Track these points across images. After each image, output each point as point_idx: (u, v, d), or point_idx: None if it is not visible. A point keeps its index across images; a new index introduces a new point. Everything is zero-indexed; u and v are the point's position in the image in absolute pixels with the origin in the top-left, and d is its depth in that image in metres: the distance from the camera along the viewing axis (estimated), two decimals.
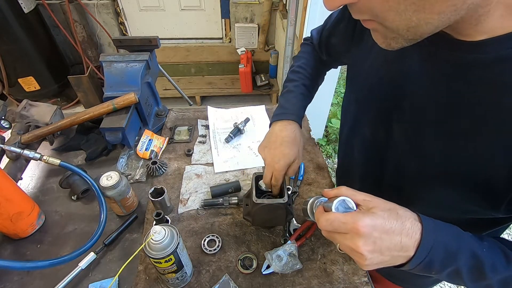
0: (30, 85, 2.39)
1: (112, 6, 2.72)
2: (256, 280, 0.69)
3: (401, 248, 0.40)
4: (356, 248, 0.39)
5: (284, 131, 0.68)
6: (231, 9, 2.77)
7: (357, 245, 0.39)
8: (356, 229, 0.39)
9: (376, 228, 0.39)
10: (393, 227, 0.40)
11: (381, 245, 0.39)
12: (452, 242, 0.41)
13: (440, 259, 0.41)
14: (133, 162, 0.97)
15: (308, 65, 0.80)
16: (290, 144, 0.67)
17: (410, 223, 0.40)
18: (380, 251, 0.39)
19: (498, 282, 0.42)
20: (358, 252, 0.40)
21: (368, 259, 0.40)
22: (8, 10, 2.07)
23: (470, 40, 0.39)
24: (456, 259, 0.41)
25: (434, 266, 0.41)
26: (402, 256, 0.41)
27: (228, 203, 0.83)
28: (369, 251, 0.39)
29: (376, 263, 0.41)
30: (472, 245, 0.42)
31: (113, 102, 0.93)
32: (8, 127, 0.88)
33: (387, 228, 0.39)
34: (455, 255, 0.41)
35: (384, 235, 0.39)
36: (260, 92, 2.83)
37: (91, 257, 0.70)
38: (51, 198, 0.87)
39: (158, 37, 1.03)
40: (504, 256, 0.43)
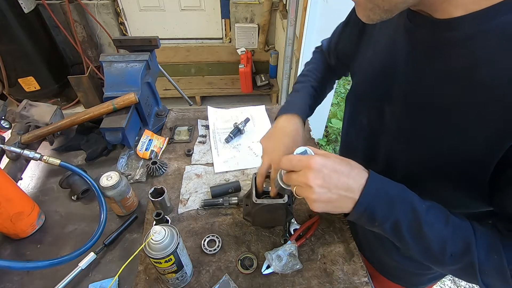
0: (30, 85, 2.39)
1: (112, 6, 2.72)
2: (256, 280, 0.69)
3: (347, 188, 0.44)
4: (306, 181, 0.44)
5: (287, 123, 0.70)
6: (231, 9, 2.77)
7: (308, 178, 0.43)
8: (309, 165, 0.44)
9: (327, 166, 0.44)
10: (342, 169, 0.44)
11: (329, 181, 0.43)
12: (394, 191, 0.45)
13: (382, 208, 0.44)
14: (133, 162, 0.97)
15: (317, 69, 0.82)
16: (291, 136, 0.68)
17: (358, 170, 0.45)
18: (328, 187, 0.43)
19: (436, 241, 0.44)
20: (308, 185, 0.44)
21: (316, 193, 0.43)
22: (8, 10, 2.07)
23: (447, 17, 0.40)
24: (396, 209, 0.44)
25: (377, 214, 0.44)
26: (348, 197, 0.44)
27: (228, 203, 0.83)
28: (318, 185, 0.43)
29: (324, 200, 0.44)
30: (413, 200, 0.45)
31: (113, 102, 0.93)
32: (8, 127, 0.88)
33: (337, 168, 0.44)
34: (395, 204, 0.44)
35: (333, 173, 0.44)
36: (260, 92, 2.83)
37: (91, 257, 0.70)
38: (51, 198, 0.87)
39: (158, 37, 1.03)
40: (444, 217, 0.45)
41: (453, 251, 0.44)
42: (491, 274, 0.43)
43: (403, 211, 0.44)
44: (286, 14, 2.21)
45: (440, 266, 0.46)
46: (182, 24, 3.00)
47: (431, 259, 0.46)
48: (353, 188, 0.44)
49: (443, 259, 0.45)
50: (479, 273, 0.43)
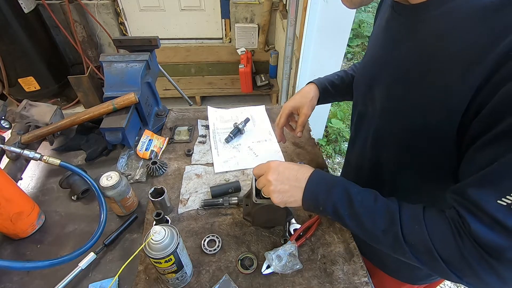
0: (30, 85, 2.39)
1: (112, 6, 2.72)
2: (256, 280, 0.69)
3: (296, 179, 0.57)
4: (266, 177, 0.59)
5: (304, 88, 0.87)
6: (231, 9, 2.77)
7: (268, 174, 0.59)
8: (268, 166, 0.60)
9: (281, 165, 0.60)
10: (293, 167, 0.60)
11: (282, 175, 0.58)
12: (331, 180, 0.57)
13: (322, 193, 0.55)
14: (133, 162, 0.97)
15: (348, 69, 0.91)
16: (302, 94, 0.85)
17: (306, 168, 0.59)
18: (281, 180, 0.58)
19: (367, 217, 0.51)
20: (268, 179, 0.59)
21: (273, 185, 0.58)
22: (8, 10, 2.07)
23: (418, 3, 0.49)
24: (333, 193, 0.54)
25: (319, 200, 0.55)
26: (297, 187, 0.57)
27: (228, 203, 0.83)
28: (274, 179, 0.58)
29: (279, 190, 0.58)
30: (347, 186, 0.55)
31: (113, 102, 0.93)
32: (8, 127, 0.88)
33: (289, 166, 0.60)
34: (332, 189, 0.55)
35: (286, 169, 0.59)
36: (260, 92, 2.82)
37: (91, 257, 0.70)
38: (51, 198, 0.87)
39: (158, 37, 1.03)
40: (372, 196, 0.53)
41: (382, 225, 0.50)
42: (416, 246, 0.47)
43: (338, 194, 0.54)
44: (286, 14, 2.21)
45: (379, 244, 0.52)
46: (182, 24, 3.00)
47: (370, 237, 0.53)
48: (300, 179, 0.57)
49: (378, 235, 0.51)
50: (407, 246, 0.47)
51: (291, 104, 0.84)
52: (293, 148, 1.03)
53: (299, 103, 0.83)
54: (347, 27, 1.74)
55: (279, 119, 0.85)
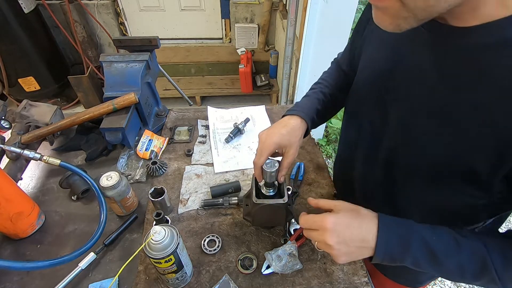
0: (30, 85, 2.39)
1: (112, 6, 2.72)
2: (256, 280, 0.69)
3: (362, 240, 0.48)
4: (325, 240, 0.49)
5: (288, 120, 0.69)
6: (231, 9, 2.77)
7: (325, 237, 0.49)
8: (324, 226, 0.49)
9: (339, 223, 0.49)
10: (354, 223, 0.49)
11: (344, 236, 0.49)
12: (404, 233, 0.48)
13: (398, 251, 0.47)
14: (133, 162, 0.97)
15: (329, 77, 0.81)
16: (290, 129, 0.67)
17: (368, 220, 0.49)
18: (344, 242, 0.49)
19: (454, 267, 0.47)
20: (328, 244, 0.49)
21: (336, 249, 0.49)
22: (8, 10, 2.07)
23: (463, 25, 0.41)
24: (411, 249, 0.47)
25: (395, 257, 0.48)
26: (366, 247, 0.48)
27: (228, 203, 0.83)
28: (336, 242, 0.48)
29: (345, 253, 0.49)
30: (424, 235, 0.48)
31: (113, 102, 0.93)
32: (8, 127, 0.88)
33: (349, 223, 0.49)
34: (409, 245, 0.47)
35: (346, 228, 0.49)
36: (260, 92, 2.82)
37: (91, 257, 0.70)
38: (51, 198, 0.87)
39: (158, 37, 1.03)
40: (455, 243, 0.47)
41: (472, 272, 0.46)
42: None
43: (418, 250, 0.47)
44: (286, 14, 2.21)
45: (465, 282, 0.50)
46: (182, 24, 2.99)
47: (455, 279, 0.51)
48: (367, 239, 0.48)
49: (465, 279, 0.48)
50: (502, 285, 0.46)
51: (278, 141, 0.65)
52: None
53: (287, 142, 0.66)
54: (347, 27, 1.74)
55: (259, 157, 0.64)
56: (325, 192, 0.89)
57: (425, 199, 0.56)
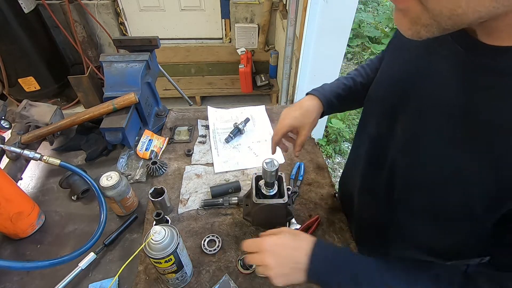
0: (30, 85, 2.39)
1: (112, 6, 2.72)
2: (256, 280, 0.69)
3: (295, 261, 0.50)
4: (263, 261, 0.51)
5: (305, 101, 0.74)
6: (231, 9, 2.77)
7: (263, 258, 0.51)
8: (262, 247, 0.52)
9: (277, 244, 0.52)
10: (290, 244, 0.51)
11: (280, 257, 0.50)
12: (335, 260, 0.50)
13: (326, 272, 0.49)
14: (133, 162, 0.97)
15: (368, 66, 0.80)
16: (304, 111, 0.73)
17: (305, 243, 0.51)
18: (281, 263, 0.50)
19: None
20: (265, 265, 0.50)
21: (273, 270, 0.50)
22: (8, 10, 2.07)
23: (496, 44, 0.36)
24: (338, 274, 0.49)
25: (323, 279, 0.49)
26: (299, 269, 0.49)
27: (228, 203, 0.83)
28: (273, 263, 0.50)
29: (281, 274, 0.50)
30: (354, 266, 0.49)
31: (113, 102, 0.93)
32: (8, 127, 0.88)
33: (285, 244, 0.52)
34: (337, 270, 0.49)
35: (282, 249, 0.51)
36: (260, 92, 2.82)
37: (91, 257, 0.70)
38: (51, 198, 0.87)
39: (158, 37, 1.03)
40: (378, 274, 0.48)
41: None
42: None
43: (344, 279, 0.48)
44: (286, 14, 2.21)
45: None
46: (182, 24, 2.99)
47: None
48: (300, 260, 0.50)
49: None
50: None
51: (291, 122, 0.73)
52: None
53: (300, 123, 0.72)
54: (347, 27, 1.74)
55: (275, 135, 0.75)
56: (325, 192, 0.89)
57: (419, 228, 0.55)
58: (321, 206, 0.85)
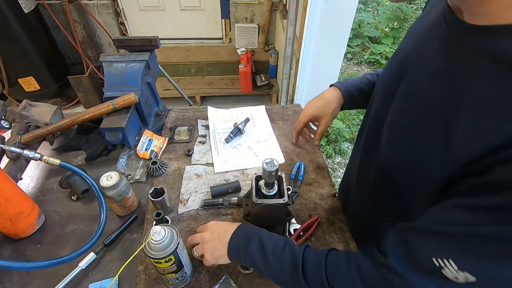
0: (30, 85, 2.39)
1: (112, 6, 2.72)
2: (256, 280, 0.69)
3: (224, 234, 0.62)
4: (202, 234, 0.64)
5: (326, 93, 0.81)
6: (231, 9, 2.77)
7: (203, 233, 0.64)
8: (206, 225, 0.66)
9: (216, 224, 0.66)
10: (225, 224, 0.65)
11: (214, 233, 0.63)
12: (251, 232, 0.60)
13: (242, 245, 0.58)
14: (133, 162, 0.97)
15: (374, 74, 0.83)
16: (325, 102, 0.80)
17: (236, 225, 0.63)
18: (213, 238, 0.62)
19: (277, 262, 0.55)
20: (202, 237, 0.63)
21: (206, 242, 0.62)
22: (8, 10, 2.07)
23: (474, 23, 0.38)
24: (250, 244, 0.57)
25: (240, 251, 0.58)
26: (224, 242, 0.60)
27: (228, 203, 0.83)
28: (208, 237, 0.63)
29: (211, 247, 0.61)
30: (264, 235, 0.59)
31: (113, 102, 0.93)
32: (8, 127, 0.88)
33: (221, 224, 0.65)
34: (250, 240, 0.58)
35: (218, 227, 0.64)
36: (260, 92, 2.82)
37: (91, 257, 0.70)
38: (51, 198, 0.87)
39: (158, 37, 1.03)
40: (282, 243, 0.57)
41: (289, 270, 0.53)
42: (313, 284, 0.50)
43: (254, 245, 0.57)
44: (286, 14, 2.21)
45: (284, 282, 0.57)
46: (182, 24, 2.99)
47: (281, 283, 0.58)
48: (227, 234, 0.61)
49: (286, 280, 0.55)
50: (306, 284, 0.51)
51: (312, 112, 0.81)
52: (293, 148, 1.03)
53: (321, 113, 0.80)
54: (347, 27, 1.74)
55: (298, 124, 0.85)
56: (325, 192, 0.89)
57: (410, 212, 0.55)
58: (321, 206, 0.85)
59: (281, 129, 1.11)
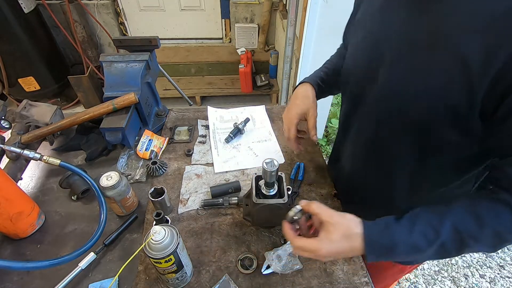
0: (30, 85, 2.39)
1: (112, 6, 2.72)
2: (256, 280, 0.69)
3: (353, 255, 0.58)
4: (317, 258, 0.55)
5: (297, 91, 0.83)
6: (231, 9, 2.77)
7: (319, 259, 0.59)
8: (317, 255, 0.54)
9: (331, 252, 0.53)
10: (345, 250, 0.53)
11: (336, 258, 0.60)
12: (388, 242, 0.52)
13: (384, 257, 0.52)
14: (133, 162, 0.97)
15: (333, 57, 0.92)
16: (301, 97, 0.80)
17: (358, 243, 0.52)
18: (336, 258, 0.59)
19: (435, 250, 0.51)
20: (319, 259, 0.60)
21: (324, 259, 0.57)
22: (8, 10, 2.07)
23: None
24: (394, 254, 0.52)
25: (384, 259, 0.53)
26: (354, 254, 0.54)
27: (228, 203, 0.83)
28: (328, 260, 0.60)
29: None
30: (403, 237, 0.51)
31: (113, 102, 0.93)
32: (8, 127, 0.88)
33: (340, 252, 0.53)
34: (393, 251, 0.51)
35: (338, 255, 0.55)
36: (260, 92, 2.83)
37: (91, 257, 0.70)
38: (51, 198, 0.87)
39: (158, 37, 1.03)
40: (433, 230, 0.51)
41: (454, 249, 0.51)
42: None
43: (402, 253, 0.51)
44: (286, 14, 2.21)
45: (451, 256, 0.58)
46: (182, 24, 3.00)
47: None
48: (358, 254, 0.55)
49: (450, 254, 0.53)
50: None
51: (297, 111, 0.78)
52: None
53: (305, 108, 0.78)
54: None
55: (289, 131, 0.78)
56: (325, 192, 0.89)
57: (413, 160, 0.60)
58: None
59: (281, 129, 1.11)
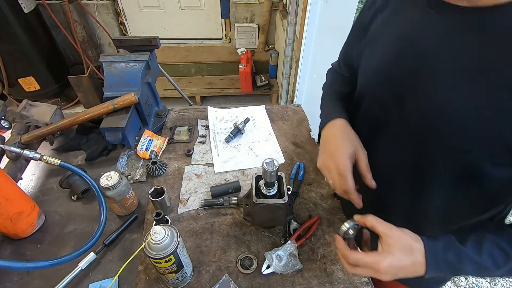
0: (30, 85, 2.39)
1: (112, 6, 2.72)
2: (256, 280, 0.69)
3: (412, 273, 0.50)
4: (377, 277, 0.51)
5: (332, 131, 0.66)
6: (231, 9, 2.77)
7: (379, 277, 0.50)
8: (377, 269, 0.49)
9: (393, 266, 0.49)
10: (407, 265, 0.49)
11: (396, 275, 0.50)
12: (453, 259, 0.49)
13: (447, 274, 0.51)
14: (133, 162, 0.97)
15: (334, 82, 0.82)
16: (343, 135, 0.64)
17: (421, 257, 0.49)
18: (396, 275, 0.50)
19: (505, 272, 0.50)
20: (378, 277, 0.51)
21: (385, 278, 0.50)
22: (8, 10, 2.07)
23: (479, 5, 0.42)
24: (460, 270, 0.50)
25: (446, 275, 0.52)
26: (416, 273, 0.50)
27: (228, 203, 0.83)
28: (388, 278, 0.50)
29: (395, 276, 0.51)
30: (472, 256, 0.49)
31: (113, 102, 0.93)
32: (8, 127, 0.88)
33: (402, 266, 0.49)
34: (458, 269, 0.50)
35: (399, 271, 0.50)
36: (260, 92, 2.82)
37: (91, 257, 0.70)
38: (51, 198, 0.87)
39: (158, 37, 1.03)
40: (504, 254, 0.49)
41: None
42: None
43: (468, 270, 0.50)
44: (286, 14, 2.21)
45: None
46: (182, 24, 3.00)
47: None
48: (418, 272, 0.50)
49: None
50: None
51: (347, 151, 0.61)
52: (293, 148, 1.03)
53: (353, 147, 0.62)
54: (347, 27, 1.74)
55: (345, 181, 0.59)
56: (325, 192, 0.89)
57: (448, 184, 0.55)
58: (321, 206, 0.85)
59: (281, 129, 1.11)
